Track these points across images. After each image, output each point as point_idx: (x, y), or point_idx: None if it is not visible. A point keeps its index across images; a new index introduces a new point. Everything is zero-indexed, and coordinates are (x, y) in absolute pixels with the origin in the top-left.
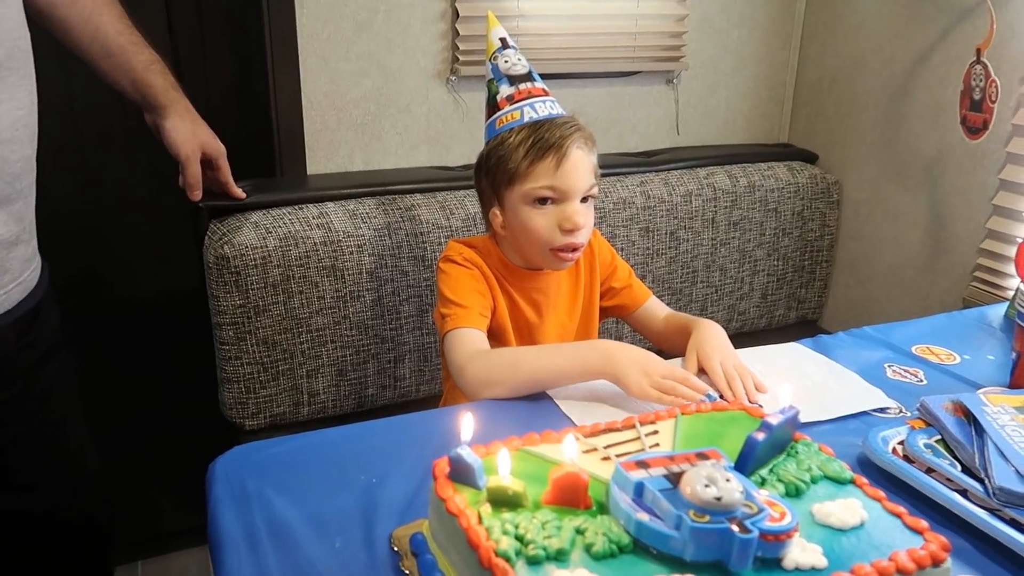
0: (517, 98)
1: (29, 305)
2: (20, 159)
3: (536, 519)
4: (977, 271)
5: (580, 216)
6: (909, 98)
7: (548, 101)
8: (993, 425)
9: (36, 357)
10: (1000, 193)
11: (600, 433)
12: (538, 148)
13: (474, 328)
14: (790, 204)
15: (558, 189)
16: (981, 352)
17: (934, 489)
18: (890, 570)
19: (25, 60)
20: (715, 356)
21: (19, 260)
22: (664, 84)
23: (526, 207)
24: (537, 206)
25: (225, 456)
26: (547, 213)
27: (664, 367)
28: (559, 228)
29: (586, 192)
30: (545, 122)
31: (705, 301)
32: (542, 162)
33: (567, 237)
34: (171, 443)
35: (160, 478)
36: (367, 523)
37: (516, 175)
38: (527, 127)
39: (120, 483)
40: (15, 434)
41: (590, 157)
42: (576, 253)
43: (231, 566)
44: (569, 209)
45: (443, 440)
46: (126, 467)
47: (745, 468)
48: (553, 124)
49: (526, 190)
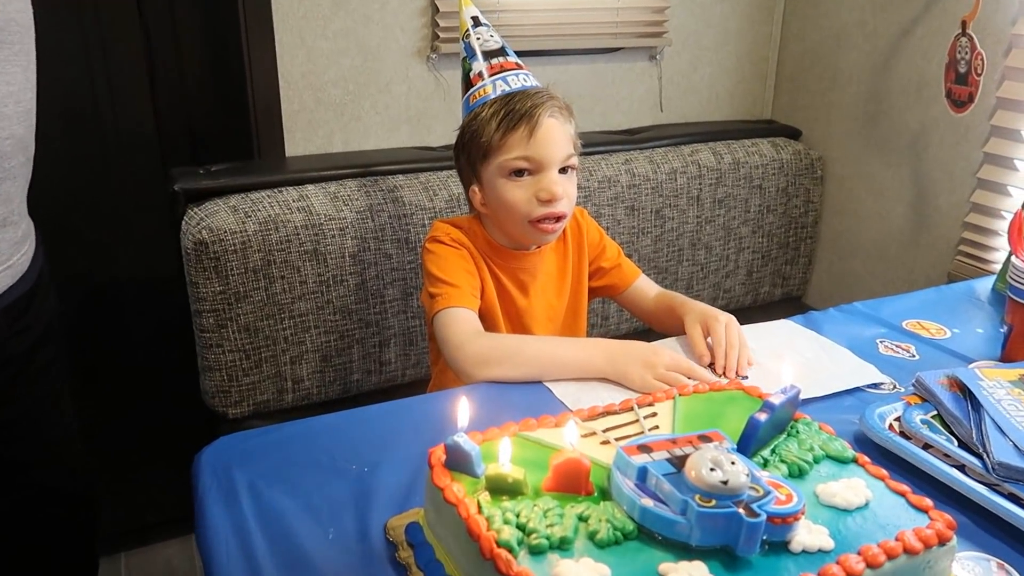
0: (490, 73)
1: (21, 291)
2: (9, 137)
3: (537, 507)
4: (962, 245)
5: (557, 186)
6: (892, 72)
7: (521, 74)
8: (990, 400)
9: (31, 342)
10: (984, 166)
11: (598, 416)
12: (510, 119)
13: (467, 308)
14: (774, 180)
15: (532, 159)
16: (970, 326)
17: (933, 466)
18: (897, 550)
19: (22, 35)
20: (721, 318)
21: (7, 243)
22: (647, 60)
23: (502, 180)
24: (513, 178)
25: (211, 447)
26: (524, 185)
27: (669, 358)
28: (536, 199)
29: (564, 162)
30: (517, 93)
31: (691, 279)
32: (514, 133)
33: (545, 207)
34: (153, 433)
35: (142, 469)
36: (360, 513)
37: (490, 148)
38: (499, 100)
39: (100, 474)
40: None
41: (566, 127)
42: (558, 224)
43: (221, 560)
44: (546, 179)
45: (435, 426)
46: (106, 457)
47: (747, 449)
48: (525, 95)
49: (500, 162)
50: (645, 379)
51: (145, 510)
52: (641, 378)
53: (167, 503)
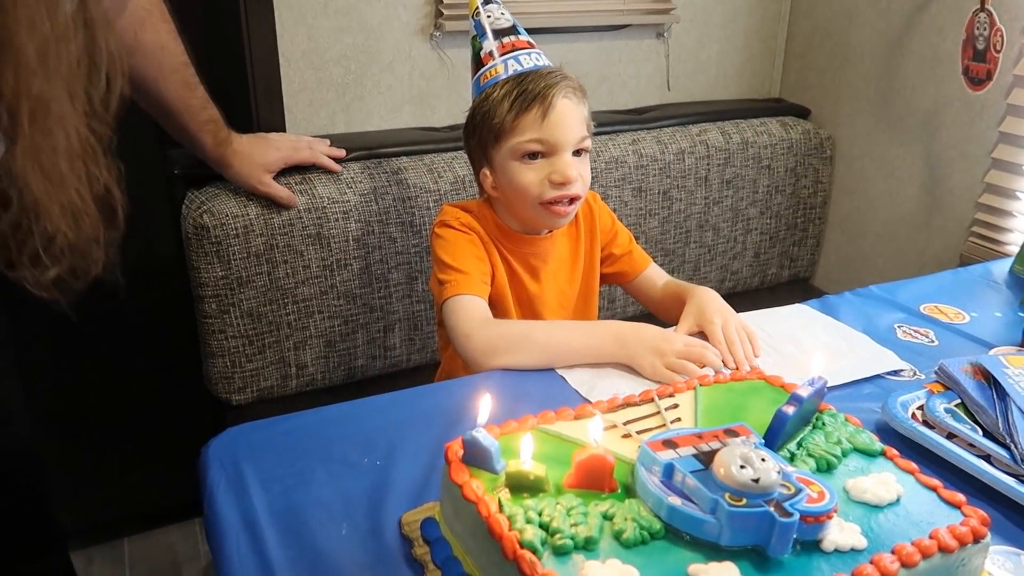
0: (501, 52)
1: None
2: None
3: (560, 505)
4: (975, 226)
5: (571, 168)
6: (905, 49)
7: (533, 53)
8: (1016, 388)
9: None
10: (1000, 146)
11: (618, 408)
12: (522, 100)
13: (476, 295)
14: (783, 160)
15: (546, 142)
16: (988, 309)
17: (960, 458)
18: (932, 549)
19: None
20: (715, 319)
21: None
22: (654, 38)
23: (515, 163)
24: (526, 161)
25: (217, 439)
26: (536, 167)
27: (681, 345)
28: (550, 181)
29: (577, 145)
30: (530, 73)
31: (698, 261)
32: (527, 114)
33: (559, 190)
34: (156, 419)
35: (145, 455)
36: (374, 508)
37: (502, 130)
38: (511, 80)
39: (103, 459)
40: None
41: (580, 108)
42: (572, 207)
43: (232, 556)
44: (560, 162)
45: (449, 417)
46: (109, 443)
47: (774, 443)
48: (538, 75)
49: (513, 145)
50: (656, 367)
51: (148, 495)
52: (652, 365)
53: (170, 488)
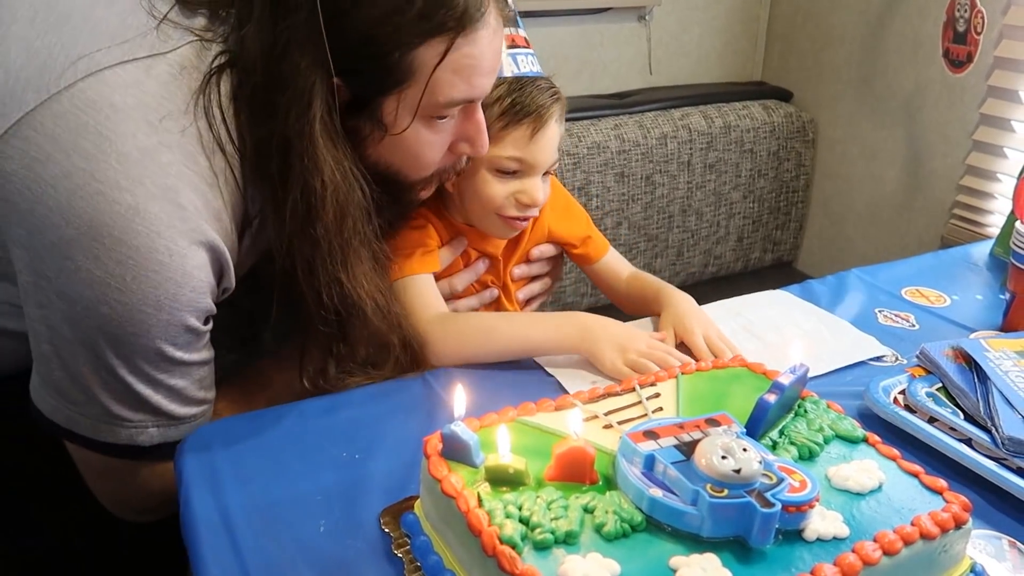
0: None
1: None
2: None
3: (540, 499)
4: (956, 208)
5: (540, 192)
6: (887, 32)
7: (529, 56)
8: (997, 372)
9: None
10: (980, 128)
11: (599, 399)
12: (516, 112)
13: (419, 274)
14: (765, 144)
15: (525, 162)
16: (969, 292)
17: (941, 442)
18: (914, 536)
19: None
20: (697, 331)
21: None
22: (636, 21)
23: (486, 172)
24: (498, 174)
25: (193, 435)
26: (506, 183)
27: (646, 345)
28: (517, 200)
29: (549, 167)
30: (527, 82)
31: (681, 246)
32: (517, 128)
33: (522, 210)
34: None
35: None
36: (352, 503)
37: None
38: (506, 83)
39: None
40: None
41: (560, 129)
42: (528, 222)
43: (209, 556)
44: (530, 184)
45: (426, 409)
46: None
47: (756, 432)
48: (536, 87)
49: (491, 156)
50: (615, 363)
51: None
52: (611, 361)
53: None
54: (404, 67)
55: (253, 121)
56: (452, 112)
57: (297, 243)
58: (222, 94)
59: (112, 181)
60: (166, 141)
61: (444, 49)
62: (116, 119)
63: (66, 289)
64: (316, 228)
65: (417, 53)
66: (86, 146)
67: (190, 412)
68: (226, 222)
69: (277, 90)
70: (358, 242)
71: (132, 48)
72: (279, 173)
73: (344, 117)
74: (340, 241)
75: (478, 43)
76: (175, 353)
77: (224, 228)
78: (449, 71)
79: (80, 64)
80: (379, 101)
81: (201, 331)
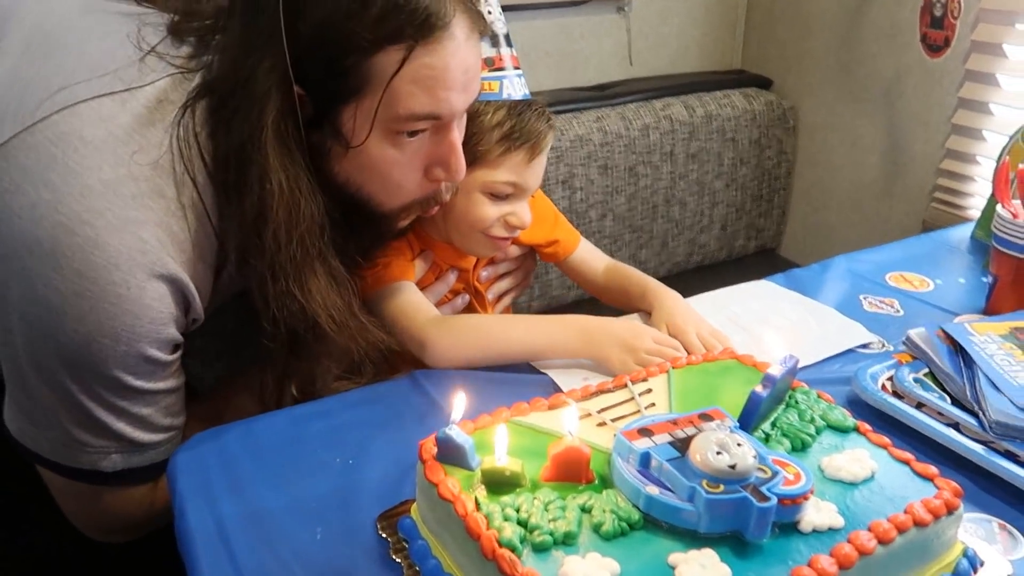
0: (497, 64)
1: None
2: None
3: (538, 500)
4: (936, 192)
5: (528, 215)
6: (865, 18)
7: (521, 78)
8: (982, 355)
9: None
10: (959, 112)
11: (592, 396)
12: (515, 137)
13: (404, 280)
14: (747, 132)
15: (519, 187)
16: (952, 276)
17: (929, 427)
18: (908, 524)
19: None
20: (690, 329)
21: None
22: (615, 12)
23: (479, 195)
24: (491, 197)
25: (186, 445)
26: (497, 205)
27: (651, 341)
28: (506, 222)
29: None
30: (525, 108)
31: (666, 236)
32: (515, 154)
33: (510, 232)
34: None
35: None
36: (347, 509)
37: (484, 159)
38: (505, 108)
39: None
40: None
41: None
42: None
43: (205, 566)
44: (520, 207)
45: (418, 412)
46: None
47: (749, 425)
48: (533, 112)
49: (488, 180)
50: (626, 363)
51: None
52: (622, 362)
53: None
54: (361, 74)
55: (217, 132)
56: (418, 127)
57: (249, 254)
58: (197, 122)
59: (74, 213)
60: (134, 173)
61: (402, 58)
62: (84, 152)
63: (26, 315)
64: (264, 236)
65: (374, 60)
66: (53, 179)
67: (155, 439)
68: (190, 254)
69: (235, 95)
70: (311, 256)
71: (111, 81)
72: (234, 182)
73: (308, 132)
74: (290, 251)
75: (439, 54)
76: (135, 383)
77: (188, 260)
78: (408, 81)
79: (59, 96)
80: (338, 110)
81: (164, 361)
